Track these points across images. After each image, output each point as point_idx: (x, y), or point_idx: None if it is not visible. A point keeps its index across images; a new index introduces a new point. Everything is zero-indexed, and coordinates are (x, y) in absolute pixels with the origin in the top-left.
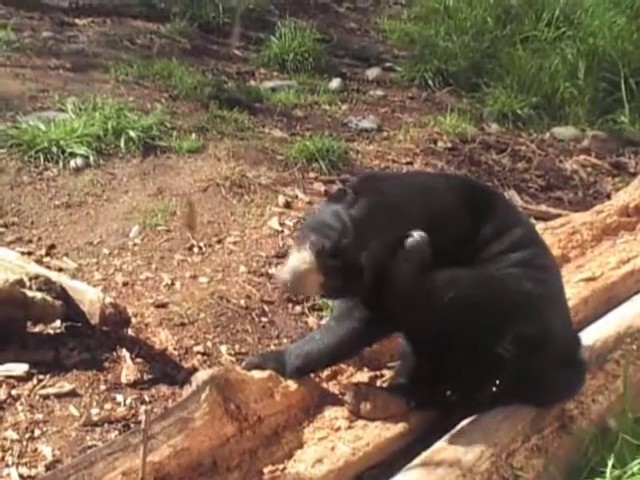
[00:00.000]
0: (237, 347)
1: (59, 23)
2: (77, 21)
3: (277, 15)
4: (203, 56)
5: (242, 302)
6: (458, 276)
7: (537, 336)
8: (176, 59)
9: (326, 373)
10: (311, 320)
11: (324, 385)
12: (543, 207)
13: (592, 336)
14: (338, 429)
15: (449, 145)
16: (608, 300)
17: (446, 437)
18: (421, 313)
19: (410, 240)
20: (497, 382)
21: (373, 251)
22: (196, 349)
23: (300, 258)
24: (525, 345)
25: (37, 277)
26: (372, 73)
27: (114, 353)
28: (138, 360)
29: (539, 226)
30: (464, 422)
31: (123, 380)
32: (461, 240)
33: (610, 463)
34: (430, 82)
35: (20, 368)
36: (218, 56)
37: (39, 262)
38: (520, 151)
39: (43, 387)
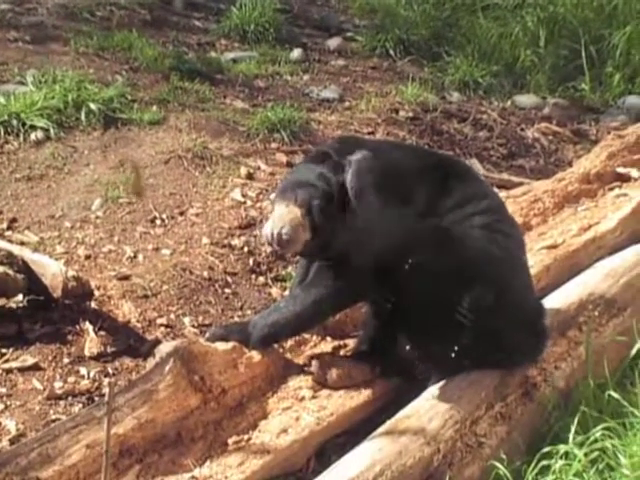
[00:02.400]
0: (200, 319)
1: None
2: None
3: None
4: (163, 27)
5: (205, 274)
6: (417, 227)
7: (498, 299)
8: (136, 31)
9: (290, 343)
10: (274, 291)
11: (288, 356)
12: (505, 175)
13: (554, 303)
14: (302, 399)
15: (411, 114)
16: (570, 267)
17: (410, 405)
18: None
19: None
20: (459, 346)
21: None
22: (159, 321)
23: (289, 212)
24: (486, 307)
25: None
26: (333, 43)
27: (77, 326)
28: (101, 333)
29: (501, 194)
30: (427, 390)
31: (86, 353)
32: (425, 210)
33: (573, 429)
34: (391, 52)
35: None
36: (178, 27)
37: (0, 236)
38: (482, 120)
39: (6, 361)
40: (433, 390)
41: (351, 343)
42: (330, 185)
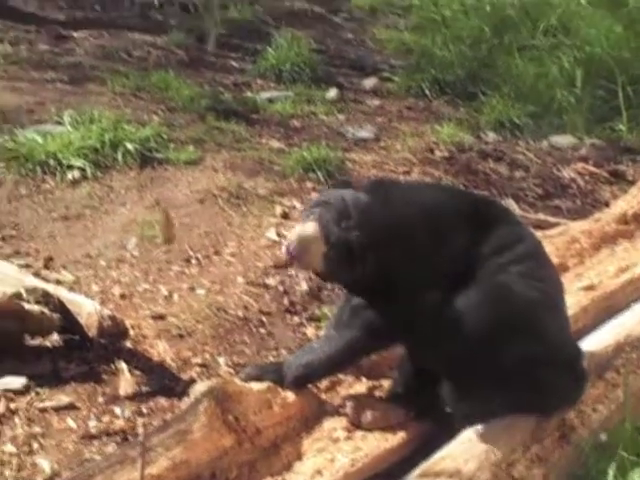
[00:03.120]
0: (235, 358)
1: (56, 36)
2: (74, 34)
3: (273, 26)
4: (200, 68)
5: (240, 313)
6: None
7: (537, 345)
8: (173, 71)
9: (325, 384)
10: (309, 331)
11: (323, 396)
12: (541, 215)
13: (592, 344)
14: (337, 440)
15: (446, 154)
16: (607, 308)
17: (445, 447)
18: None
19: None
20: (496, 392)
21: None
22: (194, 361)
23: (305, 226)
24: (526, 355)
25: (35, 290)
26: (369, 83)
27: (112, 365)
28: (136, 372)
29: (537, 234)
30: (463, 433)
31: (121, 392)
32: (461, 256)
33: (611, 473)
34: (427, 91)
35: (18, 381)
36: (215, 68)
37: (37, 275)
38: (518, 160)
39: (41, 400)
40: (469, 433)
41: (386, 384)
42: (346, 204)
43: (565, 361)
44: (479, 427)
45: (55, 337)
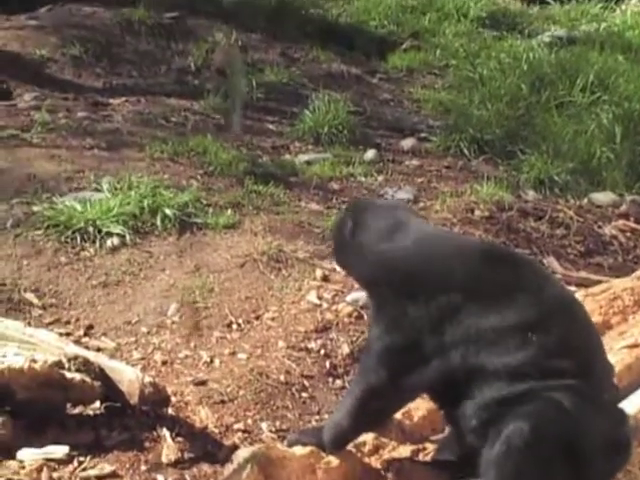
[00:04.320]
0: (278, 424)
1: (93, 103)
2: (111, 101)
3: (310, 88)
4: (237, 131)
5: (282, 378)
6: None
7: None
8: (210, 135)
9: (368, 447)
10: None
11: (366, 460)
12: (583, 273)
13: (637, 403)
14: None
15: (486, 214)
16: None
17: None
18: None
19: None
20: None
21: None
22: (237, 426)
23: None
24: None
25: (76, 358)
26: (407, 143)
27: (154, 432)
28: (178, 439)
29: (579, 293)
30: None
31: (164, 460)
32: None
33: None
34: (465, 151)
35: (60, 450)
36: (252, 131)
37: (77, 343)
38: (558, 217)
39: (84, 469)
40: None
41: (431, 447)
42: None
43: (610, 439)
44: None
45: (97, 405)
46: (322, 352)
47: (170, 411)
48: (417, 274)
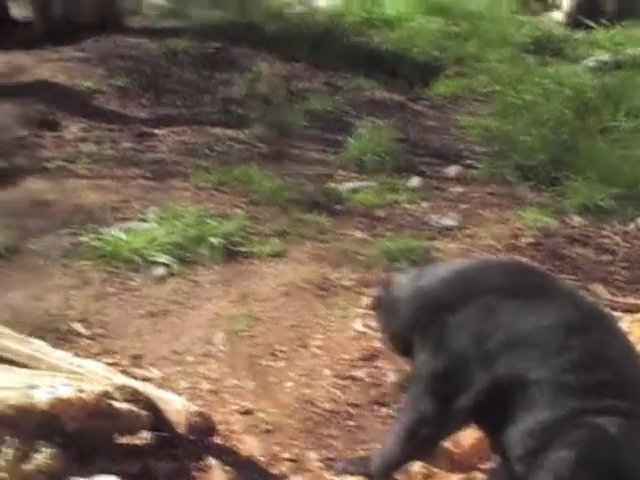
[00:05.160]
0: (325, 452)
1: (139, 134)
2: (156, 131)
3: (354, 116)
4: (282, 160)
5: (328, 406)
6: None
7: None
8: (255, 164)
9: (418, 478)
10: None
11: None
12: (631, 299)
13: None
14: None
15: (532, 240)
16: None
17: None
18: None
19: None
20: None
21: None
22: (284, 455)
23: None
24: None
25: (123, 388)
26: (451, 170)
27: (202, 462)
28: (226, 468)
29: (626, 319)
30: None
31: None
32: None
33: None
34: (510, 177)
35: None
36: (296, 159)
37: (125, 372)
38: (604, 243)
39: None
40: None
41: (480, 476)
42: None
43: None
44: None
45: (144, 435)
46: (368, 380)
47: (217, 440)
48: (451, 290)
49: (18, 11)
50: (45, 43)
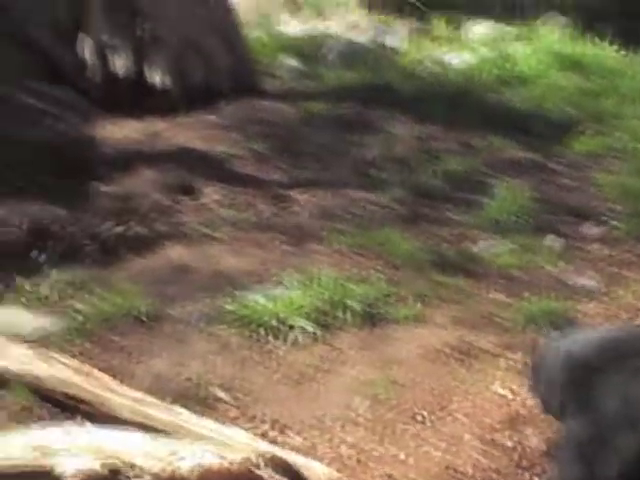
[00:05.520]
0: None
1: (276, 197)
2: (293, 194)
3: (490, 175)
4: (419, 222)
5: (471, 472)
6: None
7: None
8: (392, 226)
9: None
10: None
11: None
12: None
13: None
14: None
15: None
16: None
17: None
18: None
19: None
20: None
21: None
22: None
23: None
24: None
25: (266, 455)
26: (591, 229)
27: None
28: None
29: None
30: None
31: None
32: None
33: None
34: None
35: None
36: (434, 221)
37: (266, 439)
38: None
39: None
40: None
41: None
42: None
43: None
44: None
45: None
46: (511, 445)
47: None
48: (601, 354)
49: (150, 75)
50: (181, 109)
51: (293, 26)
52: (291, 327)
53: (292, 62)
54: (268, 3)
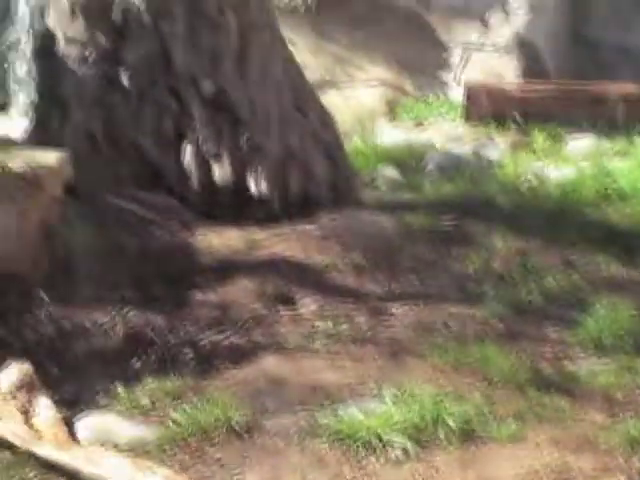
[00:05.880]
0: None
1: (374, 310)
2: (391, 308)
3: (590, 292)
4: (517, 338)
5: None
6: None
7: None
8: (491, 343)
9: None
10: None
11: None
12: None
13: None
14: None
15: None
16: None
17: None
18: None
19: None
20: None
21: None
22: None
23: None
24: None
25: None
26: None
27: None
28: None
29: None
30: None
31: None
32: None
33: None
34: None
35: None
36: (533, 338)
37: None
38: None
39: None
40: None
41: None
42: None
43: None
44: None
45: None
46: None
47: None
48: None
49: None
50: (280, 218)
51: (392, 136)
52: (387, 443)
53: (391, 172)
54: (367, 113)
